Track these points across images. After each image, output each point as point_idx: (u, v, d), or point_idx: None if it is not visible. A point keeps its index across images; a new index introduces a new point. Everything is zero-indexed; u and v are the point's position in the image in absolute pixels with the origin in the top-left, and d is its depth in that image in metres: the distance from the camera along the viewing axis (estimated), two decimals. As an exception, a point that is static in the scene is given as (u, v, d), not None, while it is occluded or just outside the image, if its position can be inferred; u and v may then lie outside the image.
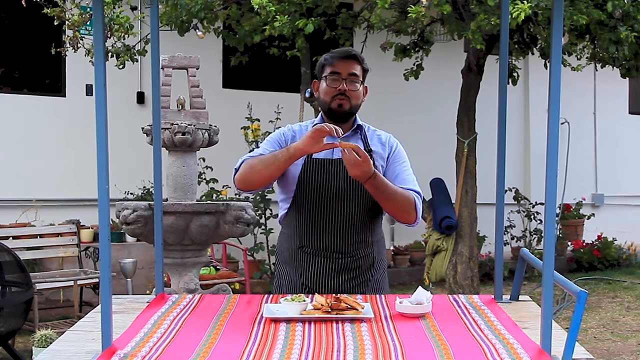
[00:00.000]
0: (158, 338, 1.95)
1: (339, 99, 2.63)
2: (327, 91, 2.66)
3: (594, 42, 6.51)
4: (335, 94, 2.64)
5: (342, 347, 1.85)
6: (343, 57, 2.66)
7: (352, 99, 2.65)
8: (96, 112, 1.81)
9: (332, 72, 2.65)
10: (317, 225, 2.62)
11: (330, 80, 2.65)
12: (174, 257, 4.14)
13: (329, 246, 2.64)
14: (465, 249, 6.69)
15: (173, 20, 6.03)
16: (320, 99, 2.71)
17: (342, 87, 2.63)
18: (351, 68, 2.65)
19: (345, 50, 2.72)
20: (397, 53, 6.69)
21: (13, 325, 5.00)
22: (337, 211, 2.61)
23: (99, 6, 1.82)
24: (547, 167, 1.75)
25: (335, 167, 2.62)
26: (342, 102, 2.63)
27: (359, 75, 2.67)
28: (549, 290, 1.78)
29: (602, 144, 11.48)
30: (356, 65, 2.66)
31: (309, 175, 2.61)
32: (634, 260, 10.27)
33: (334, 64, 2.65)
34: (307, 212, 2.63)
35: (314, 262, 2.65)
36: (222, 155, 7.27)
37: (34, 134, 7.99)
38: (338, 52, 2.70)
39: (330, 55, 2.69)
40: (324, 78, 2.68)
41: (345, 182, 2.60)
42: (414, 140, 8.98)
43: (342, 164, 2.58)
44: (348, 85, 2.64)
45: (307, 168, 2.62)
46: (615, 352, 5.66)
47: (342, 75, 2.64)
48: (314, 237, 2.64)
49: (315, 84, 2.76)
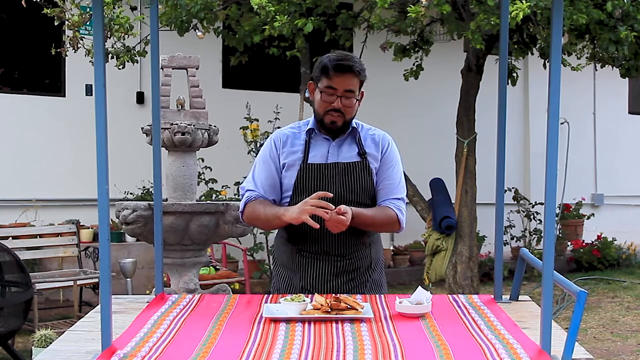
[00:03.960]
0: (158, 338, 1.95)
1: (331, 116, 2.59)
2: (321, 105, 2.60)
3: (593, 42, 6.51)
4: (328, 109, 2.59)
5: (342, 347, 1.85)
6: (341, 72, 2.56)
7: (346, 115, 2.60)
8: (96, 112, 1.81)
9: (328, 86, 2.57)
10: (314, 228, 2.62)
11: (325, 95, 2.58)
12: (173, 257, 4.14)
13: (327, 249, 2.64)
14: (465, 249, 6.69)
15: (173, 21, 6.02)
16: (313, 107, 2.67)
17: (337, 104, 2.58)
18: (348, 84, 2.57)
19: (345, 63, 2.56)
20: (397, 53, 6.69)
21: (13, 325, 4.99)
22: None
23: (98, 6, 1.82)
24: (547, 167, 1.75)
25: (330, 171, 2.62)
26: (335, 119, 2.59)
27: (355, 90, 2.59)
28: (548, 290, 1.78)
29: (602, 144, 11.48)
30: (353, 79, 2.58)
31: (304, 181, 2.60)
32: (633, 260, 10.26)
33: (332, 77, 2.56)
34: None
35: (313, 265, 2.66)
36: (222, 155, 7.29)
37: (34, 134, 7.98)
38: (337, 64, 2.56)
39: (329, 63, 2.57)
40: (319, 89, 2.61)
41: (341, 186, 2.60)
42: (413, 141, 9.02)
43: (337, 168, 2.62)
44: (343, 101, 2.57)
45: (303, 173, 2.62)
46: (615, 352, 5.65)
47: (338, 91, 2.57)
48: (312, 240, 2.64)
49: (311, 85, 2.68)
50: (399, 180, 2.71)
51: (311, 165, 2.62)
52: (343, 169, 2.62)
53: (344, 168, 2.63)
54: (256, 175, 2.69)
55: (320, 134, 2.68)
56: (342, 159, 2.65)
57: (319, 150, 2.66)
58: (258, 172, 2.69)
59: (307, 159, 2.63)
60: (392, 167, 2.70)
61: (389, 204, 2.66)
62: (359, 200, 2.62)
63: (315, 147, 2.66)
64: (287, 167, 2.65)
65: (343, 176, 2.62)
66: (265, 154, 2.70)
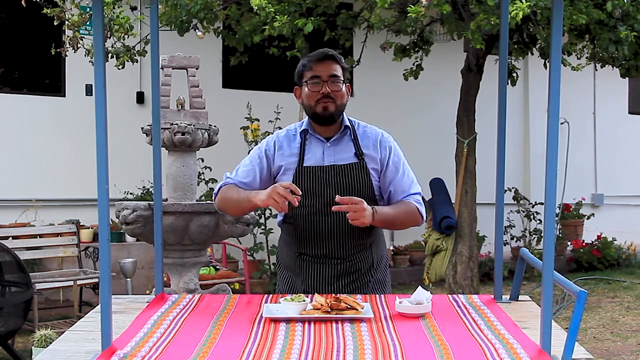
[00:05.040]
0: (158, 338, 1.95)
1: (323, 102, 2.60)
2: (310, 95, 2.62)
3: (593, 42, 6.50)
4: (318, 97, 2.60)
5: (342, 347, 1.85)
6: (320, 59, 2.62)
7: (337, 100, 2.61)
8: (96, 112, 1.81)
9: (313, 76, 2.61)
10: (314, 232, 2.62)
11: (311, 84, 2.61)
12: (173, 257, 4.14)
13: (328, 252, 2.64)
14: (465, 249, 6.69)
15: (173, 21, 6.02)
16: (304, 104, 2.67)
17: (324, 90, 2.60)
18: (331, 69, 2.61)
19: (321, 52, 2.66)
20: (397, 53, 6.69)
21: (13, 325, 4.99)
22: (332, 217, 2.59)
23: (98, 6, 1.82)
24: (547, 167, 1.75)
25: (326, 173, 2.61)
26: (326, 105, 2.60)
27: (340, 75, 2.63)
28: (548, 290, 1.78)
29: (602, 144, 11.48)
30: (335, 65, 2.63)
31: (301, 184, 2.58)
32: (633, 260, 10.26)
33: (313, 67, 2.61)
34: (304, 220, 2.62)
35: (314, 269, 2.66)
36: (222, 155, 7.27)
37: (34, 134, 7.99)
38: (314, 55, 2.65)
39: (307, 59, 2.65)
40: (304, 84, 2.64)
41: (339, 188, 2.59)
42: (413, 140, 9.01)
43: (333, 170, 2.61)
44: (330, 86, 2.60)
45: (299, 177, 2.61)
46: (615, 352, 5.65)
47: (323, 77, 2.60)
48: (312, 244, 2.64)
49: (297, 90, 2.71)
50: (411, 181, 2.71)
51: (307, 169, 2.62)
52: (339, 171, 2.61)
53: (340, 170, 2.62)
54: (240, 169, 2.72)
55: (314, 135, 2.67)
56: (338, 161, 2.64)
57: (314, 152, 2.65)
58: (242, 167, 2.72)
59: (302, 162, 2.63)
60: (401, 169, 2.70)
61: (407, 198, 2.67)
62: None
63: (311, 149, 2.65)
64: (284, 171, 2.65)
65: (340, 178, 2.61)
66: (255, 154, 2.72)
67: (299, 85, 2.70)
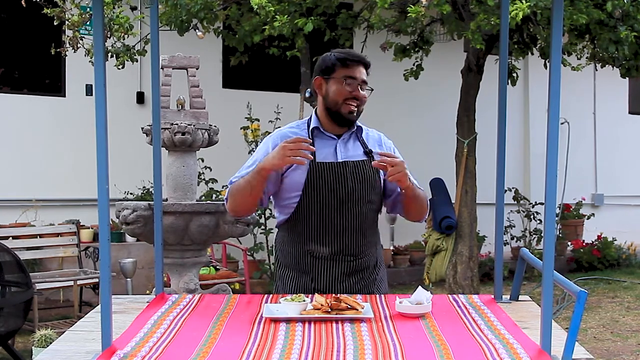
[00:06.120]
0: (158, 338, 1.95)
1: (351, 104, 2.61)
2: (341, 92, 2.61)
3: (593, 42, 6.50)
4: (348, 97, 2.60)
5: (342, 347, 1.85)
6: (357, 62, 2.63)
7: (361, 106, 2.64)
8: (96, 112, 1.81)
9: (349, 75, 2.61)
10: (327, 229, 2.61)
11: (347, 84, 2.61)
12: (173, 257, 4.14)
13: (340, 249, 2.63)
14: (465, 249, 6.69)
15: (173, 20, 6.02)
16: (328, 98, 2.64)
17: (357, 94, 2.61)
18: (363, 75, 2.64)
19: (358, 55, 2.67)
20: (397, 53, 6.69)
21: (13, 325, 4.99)
22: (346, 214, 2.60)
23: (98, 6, 1.82)
24: (547, 167, 1.75)
25: (341, 169, 2.61)
26: (353, 107, 2.61)
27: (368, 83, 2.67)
28: (548, 290, 1.78)
29: (602, 144, 11.48)
30: (365, 72, 2.66)
31: (316, 181, 2.58)
32: (633, 260, 10.26)
33: (349, 66, 2.62)
34: (316, 217, 2.61)
35: (325, 267, 2.65)
36: (222, 155, 7.28)
37: (34, 134, 7.99)
38: (353, 56, 2.65)
39: (345, 56, 2.64)
40: (335, 79, 2.62)
41: (354, 184, 2.60)
42: (413, 140, 9.02)
43: (348, 167, 2.62)
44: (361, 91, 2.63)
45: (314, 173, 2.59)
46: (615, 352, 5.65)
47: (358, 80, 2.62)
48: (324, 241, 2.63)
49: (318, 80, 2.67)
50: (415, 179, 2.72)
51: (322, 164, 2.61)
52: (353, 167, 2.63)
53: (354, 166, 2.63)
54: (243, 172, 2.64)
55: (325, 133, 2.67)
56: (350, 157, 2.65)
57: (326, 149, 2.65)
58: (245, 168, 2.65)
59: (314, 157, 2.62)
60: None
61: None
62: (368, 197, 2.64)
63: (321, 146, 2.65)
64: (295, 167, 2.60)
65: (354, 174, 2.62)
66: (261, 153, 2.65)
67: (323, 77, 2.66)
